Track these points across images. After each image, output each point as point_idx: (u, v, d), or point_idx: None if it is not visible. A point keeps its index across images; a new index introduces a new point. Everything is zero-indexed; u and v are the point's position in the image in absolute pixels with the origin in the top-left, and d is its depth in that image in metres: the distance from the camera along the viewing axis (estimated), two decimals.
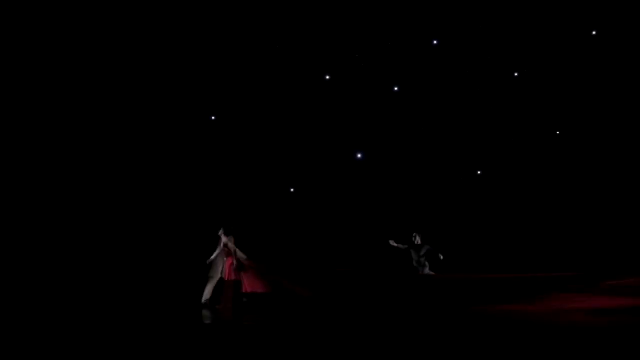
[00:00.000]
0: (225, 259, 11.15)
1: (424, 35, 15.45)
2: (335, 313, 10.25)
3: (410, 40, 15.44)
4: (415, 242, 12.38)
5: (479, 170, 15.89)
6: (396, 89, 15.68)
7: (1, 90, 13.83)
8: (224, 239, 11.08)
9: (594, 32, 15.11)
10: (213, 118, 15.32)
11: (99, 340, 7.77)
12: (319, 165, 15.55)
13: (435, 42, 15.51)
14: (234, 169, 15.21)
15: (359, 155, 15.62)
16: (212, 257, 11.11)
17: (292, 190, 15.62)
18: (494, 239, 14.78)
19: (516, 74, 15.62)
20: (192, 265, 13.52)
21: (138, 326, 8.92)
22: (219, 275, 11.07)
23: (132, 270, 13.50)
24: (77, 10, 14.08)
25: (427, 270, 12.26)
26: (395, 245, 12.39)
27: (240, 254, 11.02)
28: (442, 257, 12.18)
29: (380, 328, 8.89)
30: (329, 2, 14.97)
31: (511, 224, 15.12)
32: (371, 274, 12.58)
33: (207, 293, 11.10)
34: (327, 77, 15.53)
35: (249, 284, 11.13)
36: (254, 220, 14.35)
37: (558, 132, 15.61)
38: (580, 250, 13.89)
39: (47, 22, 13.95)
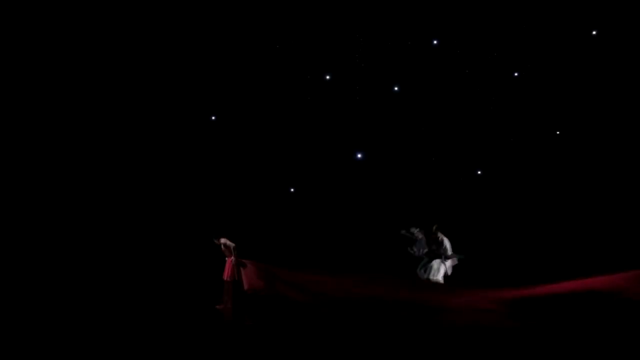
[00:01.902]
0: (226, 259, 11.17)
1: (424, 35, 15.45)
2: (333, 314, 10.26)
3: (410, 40, 15.44)
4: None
5: (479, 170, 15.89)
6: (396, 89, 15.69)
7: (1, 90, 13.86)
8: (222, 240, 11.12)
9: (594, 32, 15.11)
10: (213, 118, 15.33)
11: (99, 340, 7.78)
12: (319, 165, 15.55)
13: (435, 42, 15.51)
14: (234, 169, 15.21)
15: (359, 155, 15.62)
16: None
17: (292, 190, 15.62)
18: (492, 239, 14.76)
19: (516, 74, 15.62)
20: (191, 265, 13.54)
21: (139, 326, 8.93)
22: None
23: (132, 271, 13.50)
24: (77, 10, 14.09)
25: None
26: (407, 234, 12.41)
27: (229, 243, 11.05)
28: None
29: (376, 330, 8.91)
30: (329, 2, 14.98)
31: (510, 224, 15.11)
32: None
33: None
34: (327, 77, 15.54)
35: (249, 284, 11.12)
36: (254, 221, 14.36)
37: (558, 132, 15.60)
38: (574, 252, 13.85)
39: (47, 22, 13.96)
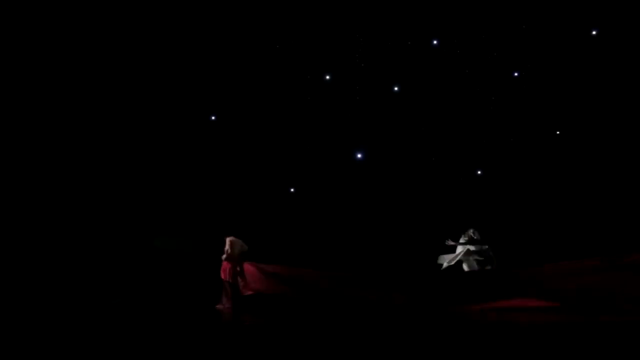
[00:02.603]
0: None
1: (424, 35, 15.45)
2: (331, 314, 10.27)
3: (410, 40, 15.44)
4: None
5: (479, 170, 15.89)
6: (396, 89, 15.69)
7: (1, 90, 13.87)
8: (227, 239, 11.16)
9: (594, 32, 15.12)
10: (213, 118, 15.34)
11: (99, 340, 7.79)
12: (319, 165, 15.56)
13: (435, 42, 15.52)
14: (234, 169, 15.22)
15: (359, 155, 15.63)
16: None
17: (292, 190, 15.62)
18: (492, 239, 14.74)
19: (516, 74, 15.62)
20: (191, 266, 13.56)
21: (139, 326, 8.94)
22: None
23: (132, 271, 13.52)
24: (77, 10, 14.10)
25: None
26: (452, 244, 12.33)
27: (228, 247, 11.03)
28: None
29: (374, 328, 8.91)
30: (329, 2, 14.98)
31: (510, 224, 15.09)
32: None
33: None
34: (327, 77, 15.54)
35: (250, 285, 11.13)
36: (254, 221, 14.36)
37: (558, 132, 15.60)
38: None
39: (47, 22, 13.97)
